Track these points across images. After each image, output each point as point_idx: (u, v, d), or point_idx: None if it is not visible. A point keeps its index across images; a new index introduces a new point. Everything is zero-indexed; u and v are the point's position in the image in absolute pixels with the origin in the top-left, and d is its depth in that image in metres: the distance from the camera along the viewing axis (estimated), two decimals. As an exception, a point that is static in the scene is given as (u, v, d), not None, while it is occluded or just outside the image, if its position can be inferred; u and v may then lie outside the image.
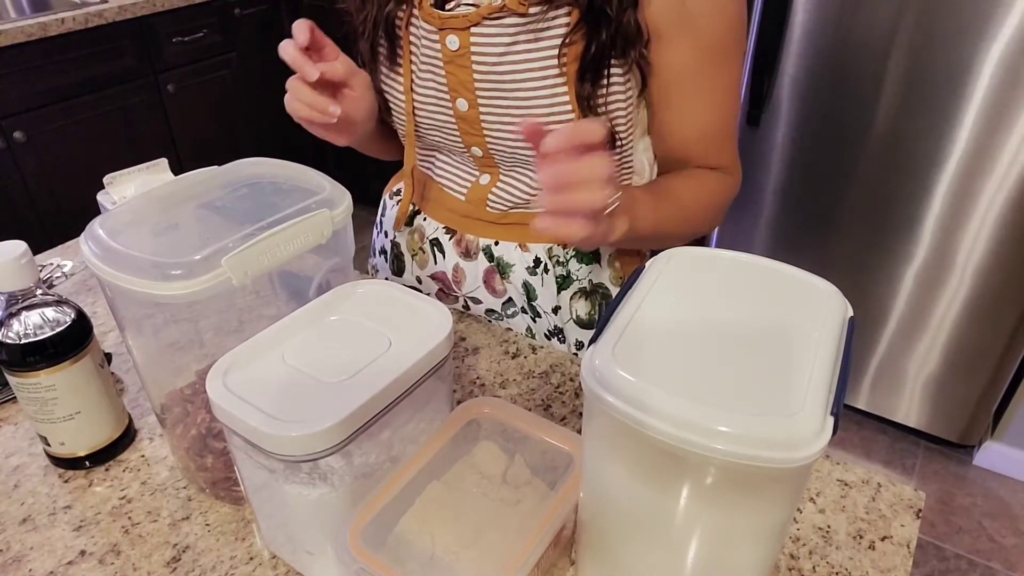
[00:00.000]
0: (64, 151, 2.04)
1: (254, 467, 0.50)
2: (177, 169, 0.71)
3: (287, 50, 0.66)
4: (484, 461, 0.52)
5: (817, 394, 0.39)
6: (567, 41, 0.66)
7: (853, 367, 1.92)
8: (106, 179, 0.77)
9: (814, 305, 0.46)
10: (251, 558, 0.57)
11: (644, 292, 0.47)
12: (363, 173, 1.80)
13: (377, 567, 0.43)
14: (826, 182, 1.73)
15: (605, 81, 0.68)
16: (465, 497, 0.50)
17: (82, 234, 0.54)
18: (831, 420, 0.38)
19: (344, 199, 0.59)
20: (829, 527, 0.59)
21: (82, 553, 0.58)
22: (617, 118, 0.71)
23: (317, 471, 0.48)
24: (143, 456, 0.67)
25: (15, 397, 0.73)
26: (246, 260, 0.52)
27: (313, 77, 0.65)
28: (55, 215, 2.06)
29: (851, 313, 0.46)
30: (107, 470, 0.65)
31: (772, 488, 0.41)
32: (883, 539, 0.58)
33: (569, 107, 0.69)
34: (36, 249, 0.69)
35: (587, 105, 0.68)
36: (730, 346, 0.43)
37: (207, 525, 0.60)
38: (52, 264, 0.96)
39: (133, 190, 0.78)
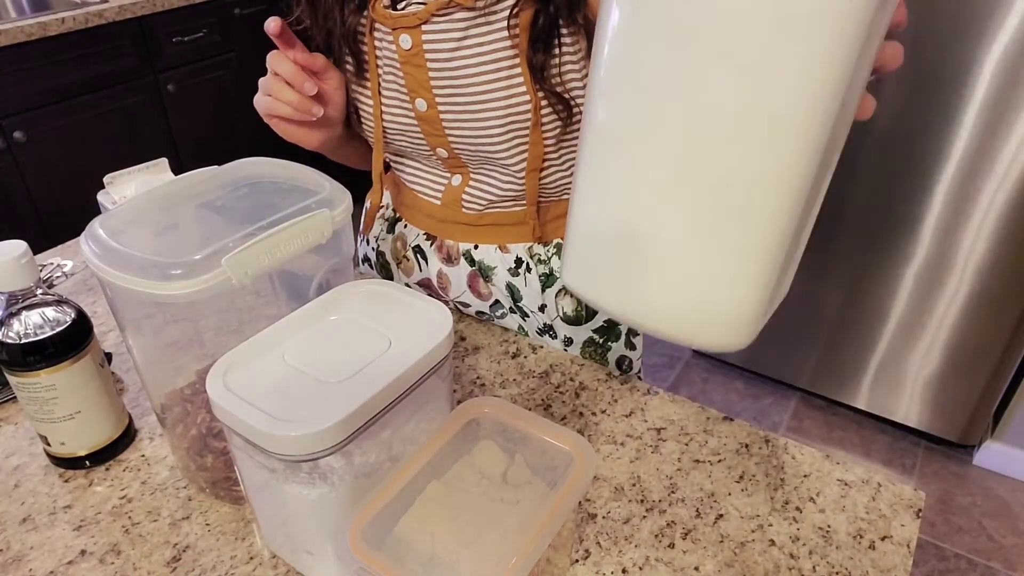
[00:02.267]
0: (64, 151, 2.04)
1: (254, 467, 0.50)
2: (177, 169, 0.71)
3: (285, 65, 0.69)
4: (484, 461, 0.52)
5: None
6: (515, 11, 0.66)
7: (853, 367, 1.92)
8: (106, 179, 0.77)
9: None
10: (251, 558, 0.57)
11: None
12: (362, 173, 1.80)
13: (377, 567, 0.43)
14: (826, 182, 1.73)
15: (557, 50, 0.68)
16: (465, 497, 0.50)
17: (82, 234, 0.54)
18: None
19: (344, 199, 0.59)
20: (829, 527, 0.59)
21: (82, 553, 0.58)
22: (573, 87, 0.71)
23: (317, 471, 0.48)
24: (143, 456, 0.67)
25: (15, 397, 0.73)
26: (246, 260, 0.52)
27: (312, 92, 0.69)
28: (55, 215, 2.06)
29: None
30: (107, 470, 0.66)
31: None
32: (883, 539, 0.58)
33: (526, 96, 0.69)
34: (36, 249, 0.69)
35: (541, 76, 0.68)
36: None
37: (207, 525, 0.60)
38: (52, 264, 0.96)
39: (133, 190, 0.78)
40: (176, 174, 0.68)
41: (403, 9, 0.70)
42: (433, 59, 0.70)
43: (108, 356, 0.78)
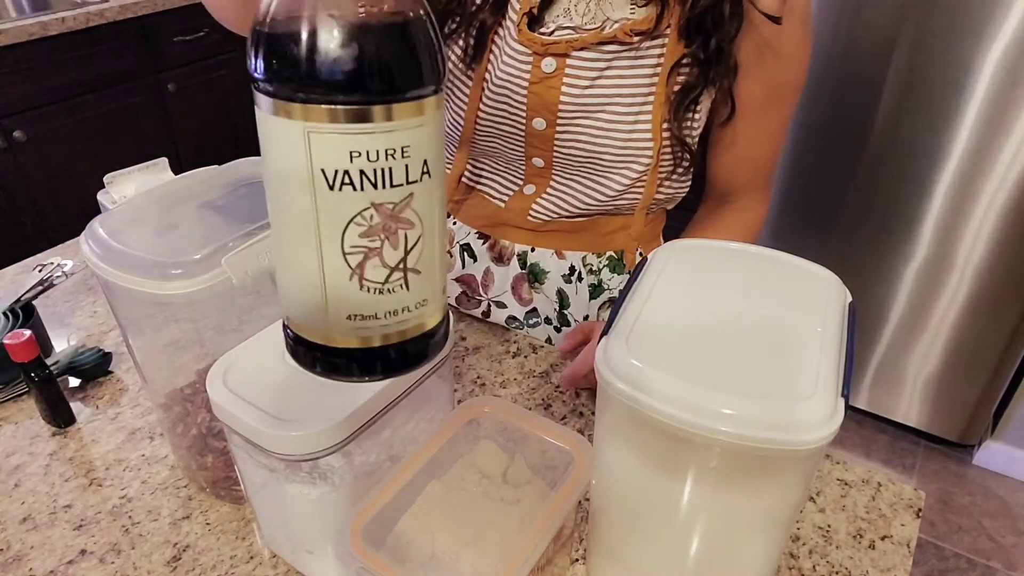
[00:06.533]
0: (65, 150, 2.03)
1: (254, 466, 0.50)
2: (177, 168, 0.71)
3: None
4: (484, 460, 0.52)
5: (828, 377, 0.39)
6: (678, 71, 0.66)
7: (853, 366, 1.92)
8: (106, 178, 0.77)
9: (814, 292, 0.47)
10: (251, 557, 0.57)
11: (650, 285, 0.48)
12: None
13: (377, 566, 0.43)
14: (826, 182, 1.73)
15: (699, 109, 0.69)
16: (465, 496, 0.50)
17: (82, 233, 0.54)
18: (842, 402, 0.38)
19: (344, 199, 0.59)
20: (829, 526, 0.59)
21: (82, 552, 0.58)
22: (696, 142, 0.72)
23: (317, 470, 0.48)
24: (143, 455, 0.67)
25: (15, 396, 0.73)
26: (246, 259, 0.52)
27: None
28: (56, 214, 2.06)
29: (850, 299, 0.47)
30: (107, 469, 0.66)
31: (783, 473, 0.42)
32: (883, 538, 0.58)
33: (649, 131, 0.69)
34: (36, 249, 0.69)
35: (678, 127, 0.69)
36: (737, 334, 0.43)
37: (207, 524, 0.60)
38: (52, 264, 0.96)
39: (133, 189, 0.77)
40: (176, 174, 0.68)
41: (550, 33, 0.69)
42: (572, 84, 0.69)
43: (108, 356, 0.78)
